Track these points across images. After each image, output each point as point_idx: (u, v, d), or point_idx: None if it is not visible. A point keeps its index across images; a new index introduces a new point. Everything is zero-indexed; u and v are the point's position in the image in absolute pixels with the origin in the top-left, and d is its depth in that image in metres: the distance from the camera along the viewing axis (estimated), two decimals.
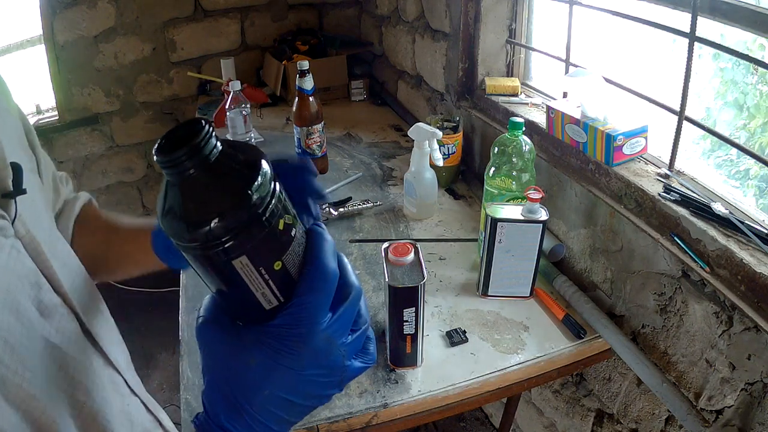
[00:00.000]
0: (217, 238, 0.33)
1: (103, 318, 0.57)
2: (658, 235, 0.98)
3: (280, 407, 0.38)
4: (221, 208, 0.32)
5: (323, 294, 0.37)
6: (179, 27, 2.40)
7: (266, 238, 0.34)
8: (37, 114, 2.46)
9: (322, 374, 0.38)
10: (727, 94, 1.06)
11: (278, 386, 0.37)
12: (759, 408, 0.83)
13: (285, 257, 0.36)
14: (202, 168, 0.32)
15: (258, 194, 0.33)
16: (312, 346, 0.37)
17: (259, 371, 0.37)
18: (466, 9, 1.53)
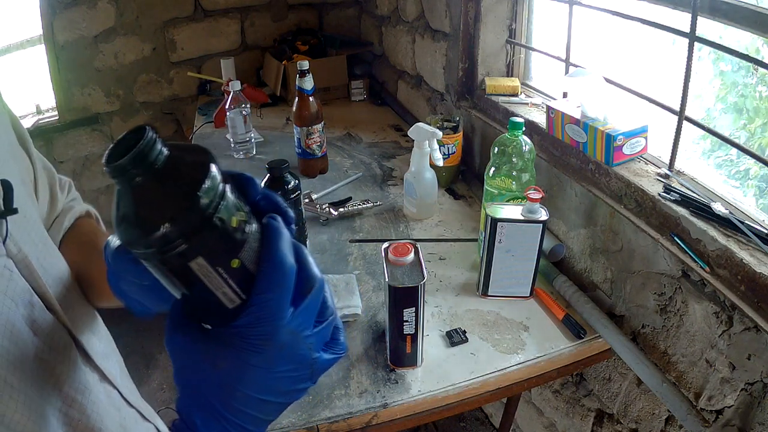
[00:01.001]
0: (171, 242, 0.33)
1: (97, 331, 0.56)
2: (658, 235, 0.98)
3: (253, 407, 0.38)
4: (171, 213, 0.33)
5: (282, 289, 0.37)
6: (179, 27, 2.40)
7: (220, 238, 0.35)
8: (37, 114, 2.46)
9: (291, 369, 0.38)
10: (728, 96, 1.06)
11: (249, 386, 0.37)
12: (759, 408, 0.83)
13: (242, 254, 0.36)
14: (150, 174, 0.33)
15: (207, 196, 0.34)
16: (277, 342, 0.37)
17: (228, 373, 0.37)
18: (466, 9, 1.53)
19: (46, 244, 0.51)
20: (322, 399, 0.94)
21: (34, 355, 0.43)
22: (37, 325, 0.45)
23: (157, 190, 0.33)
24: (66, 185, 0.63)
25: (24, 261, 0.45)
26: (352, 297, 1.13)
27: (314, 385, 0.41)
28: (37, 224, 0.51)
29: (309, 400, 0.94)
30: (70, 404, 0.46)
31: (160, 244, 0.33)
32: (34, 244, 0.48)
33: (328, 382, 0.97)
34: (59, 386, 0.45)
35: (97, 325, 0.57)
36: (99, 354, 0.53)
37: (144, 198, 0.33)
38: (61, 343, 0.48)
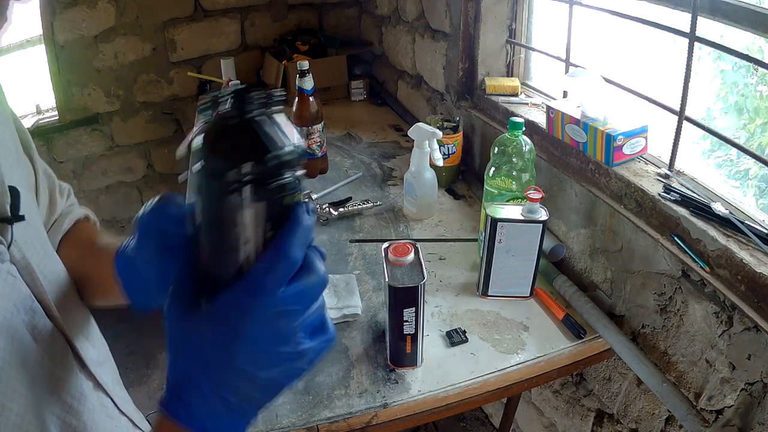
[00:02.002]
0: (260, 175, 0.36)
1: (92, 338, 0.57)
2: (658, 235, 0.98)
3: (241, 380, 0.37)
4: (285, 145, 0.36)
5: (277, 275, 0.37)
6: (179, 27, 2.40)
7: (282, 200, 0.37)
8: (37, 114, 2.46)
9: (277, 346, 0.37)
10: (728, 96, 1.06)
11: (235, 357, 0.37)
12: (759, 408, 0.83)
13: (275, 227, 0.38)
14: (269, 115, 0.37)
15: (295, 159, 0.37)
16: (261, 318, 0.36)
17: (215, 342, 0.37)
18: (466, 9, 1.53)
19: (46, 250, 0.52)
20: (322, 399, 0.94)
21: (35, 361, 0.44)
22: (38, 331, 0.45)
23: (272, 130, 0.36)
24: (66, 190, 0.64)
25: (27, 267, 0.45)
26: (352, 297, 1.13)
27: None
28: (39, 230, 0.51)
29: (309, 400, 0.94)
30: (68, 411, 0.46)
31: (253, 173, 0.35)
32: (36, 251, 0.48)
33: (328, 382, 0.97)
34: (57, 392, 0.46)
35: (93, 332, 0.58)
36: (93, 361, 0.54)
37: (263, 131, 0.36)
38: (59, 349, 0.48)
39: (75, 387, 0.48)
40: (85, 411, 0.49)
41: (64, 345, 0.49)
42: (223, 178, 0.35)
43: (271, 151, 0.36)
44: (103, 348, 0.60)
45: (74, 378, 0.49)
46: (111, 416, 0.55)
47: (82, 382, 0.50)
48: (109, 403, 0.55)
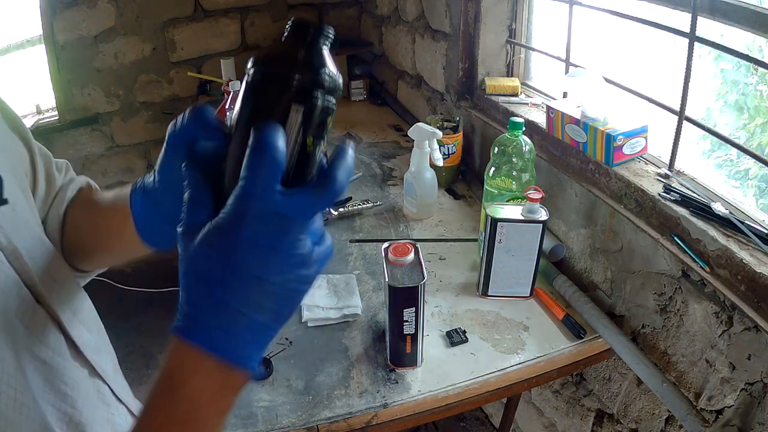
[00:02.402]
0: (306, 77, 0.38)
1: (89, 325, 0.56)
2: (658, 235, 0.98)
3: (253, 287, 0.36)
4: (323, 66, 0.39)
5: (323, 203, 0.37)
6: (179, 27, 2.40)
7: (321, 112, 0.39)
8: (37, 114, 2.46)
9: (290, 247, 0.37)
10: (728, 95, 1.06)
11: (244, 263, 0.36)
12: (759, 408, 0.83)
13: (317, 139, 0.39)
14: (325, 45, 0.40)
15: (339, 89, 0.40)
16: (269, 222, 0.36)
17: (221, 250, 0.36)
18: (466, 9, 1.53)
19: (35, 236, 0.51)
20: (322, 399, 0.94)
21: (26, 348, 0.43)
22: (28, 317, 0.45)
23: (329, 57, 0.40)
24: (63, 165, 0.62)
25: (14, 253, 0.45)
26: (352, 297, 1.13)
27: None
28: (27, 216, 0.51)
29: (309, 400, 0.94)
30: (62, 398, 0.46)
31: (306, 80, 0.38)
32: (24, 237, 0.48)
33: (328, 382, 0.97)
34: (51, 380, 0.45)
35: (89, 317, 0.57)
36: (90, 348, 0.53)
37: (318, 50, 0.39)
38: (51, 336, 0.47)
39: (68, 374, 0.48)
40: (80, 398, 0.48)
41: (56, 331, 0.48)
42: (281, 79, 0.37)
43: (325, 67, 0.38)
44: (101, 334, 0.59)
45: (68, 365, 0.48)
46: (108, 404, 0.54)
47: (76, 369, 0.50)
48: (106, 390, 0.55)
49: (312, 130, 0.39)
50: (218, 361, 0.36)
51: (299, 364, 1.01)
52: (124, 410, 0.57)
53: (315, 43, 0.39)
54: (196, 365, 0.36)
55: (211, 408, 0.37)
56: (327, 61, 0.39)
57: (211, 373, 0.36)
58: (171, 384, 0.37)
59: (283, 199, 0.36)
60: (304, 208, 0.37)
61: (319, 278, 0.40)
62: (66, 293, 0.53)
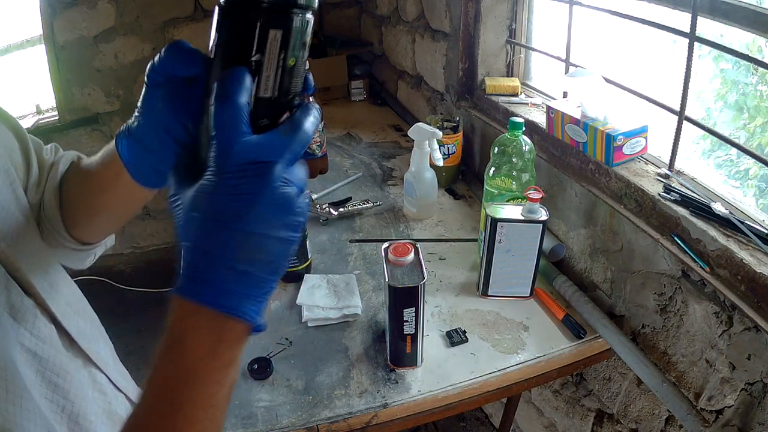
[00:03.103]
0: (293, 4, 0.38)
1: (81, 313, 0.56)
2: (658, 235, 0.98)
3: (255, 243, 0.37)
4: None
5: (297, 145, 0.38)
6: (179, 27, 2.40)
7: (300, 33, 0.39)
8: (37, 114, 2.46)
9: (285, 201, 0.37)
10: (728, 95, 1.06)
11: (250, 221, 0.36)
12: (759, 408, 0.83)
13: (299, 60, 0.40)
14: None
15: (314, 2, 0.39)
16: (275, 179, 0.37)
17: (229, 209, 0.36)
18: (466, 9, 1.53)
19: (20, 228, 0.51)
20: (322, 399, 0.94)
21: (15, 340, 0.43)
22: (16, 309, 0.45)
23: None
24: (52, 148, 0.63)
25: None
26: (352, 297, 1.13)
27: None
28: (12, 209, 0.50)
29: (309, 400, 0.94)
30: (54, 390, 0.46)
31: None
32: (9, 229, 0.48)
33: (328, 382, 0.97)
34: (41, 372, 0.45)
35: (82, 308, 0.57)
36: (85, 337, 0.53)
37: None
38: (42, 327, 0.47)
39: (60, 365, 0.48)
40: (73, 389, 0.48)
41: (47, 322, 0.49)
42: (252, 4, 0.37)
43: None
44: (95, 323, 0.60)
45: (60, 356, 0.48)
46: (104, 393, 0.54)
47: (70, 359, 0.50)
48: (103, 379, 0.55)
49: (293, 51, 0.39)
50: (213, 314, 0.36)
51: (299, 364, 1.01)
52: (123, 399, 0.57)
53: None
54: (192, 319, 0.37)
55: (212, 362, 0.37)
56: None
57: (207, 326, 0.37)
58: (171, 340, 0.37)
59: (254, 146, 0.36)
60: (276, 151, 0.37)
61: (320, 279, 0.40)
62: (56, 284, 0.53)
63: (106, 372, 0.55)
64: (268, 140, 0.37)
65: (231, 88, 0.37)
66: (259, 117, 0.39)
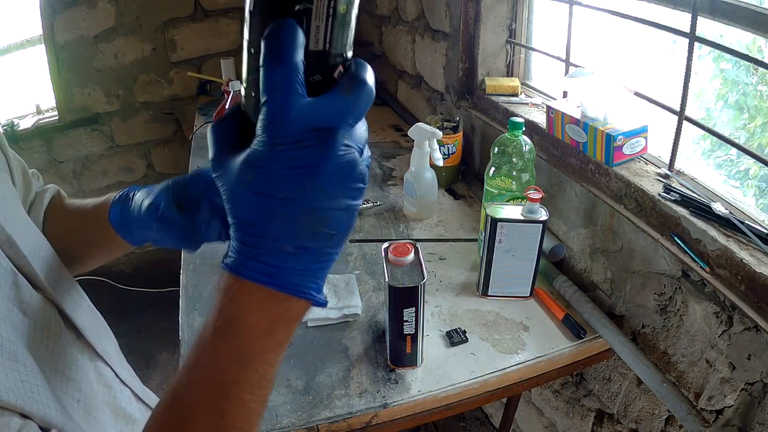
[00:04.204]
0: None
1: (87, 309, 0.57)
2: (658, 235, 0.98)
3: (316, 216, 0.33)
4: None
5: (360, 105, 0.34)
6: (179, 27, 2.40)
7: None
8: (37, 114, 2.46)
9: (348, 168, 0.34)
10: (728, 95, 1.06)
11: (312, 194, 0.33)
12: (759, 408, 0.83)
13: (351, 5, 0.34)
14: None
15: None
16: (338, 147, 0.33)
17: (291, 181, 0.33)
18: (466, 9, 1.53)
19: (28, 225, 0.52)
20: (322, 399, 0.94)
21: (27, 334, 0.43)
22: (25, 304, 0.45)
23: None
24: (36, 174, 0.65)
25: (8, 241, 0.46)
26: (352, 297, 1.13)
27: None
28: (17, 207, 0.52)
29: (309, 400, 0.94)
30: (66, 382, 0.47)
31: None
32: (17, 225, 0.48)
33: (328, 382, 0.97)
34: (53, 365, 0.46)
35: (86, 304, 0.58)
36: (92, 331, 0.54)
37: None
38: (52, 321, 0.48)
39: (70, 358, 0.48)
40: (84, 381, 0.49)
41: (55, 315, 0.49)
42: None
43: None
44: (99, 319, 0.60)
45: (69, 349, 0.49)
46: (109, 386, 0.54)
47: (78, 352, 0.50)
48: (109, 372, 0.55)
49: None
50: (272, 293, 0.34)
51: (299, 364, 1.01)
52: (128, 392, 0.58)
53: None
54: (248, 299, 0.34)
55: (267, 342, 0.35)
56: None
57: (265, 306, 0.34)
58: (223, 320, 0.34)
59: (314, 111, 0.32)
60: (340, 114, 0.33)
61: None
62: (63, 279, 0.54)
63: (111, 365, 0.56)
64: (330, 103, 0.33)
65: (282, 45, 0.32)
66: (311, 74, 0.34)
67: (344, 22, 0.34)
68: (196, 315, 1.12)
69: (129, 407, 0.56)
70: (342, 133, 0.33)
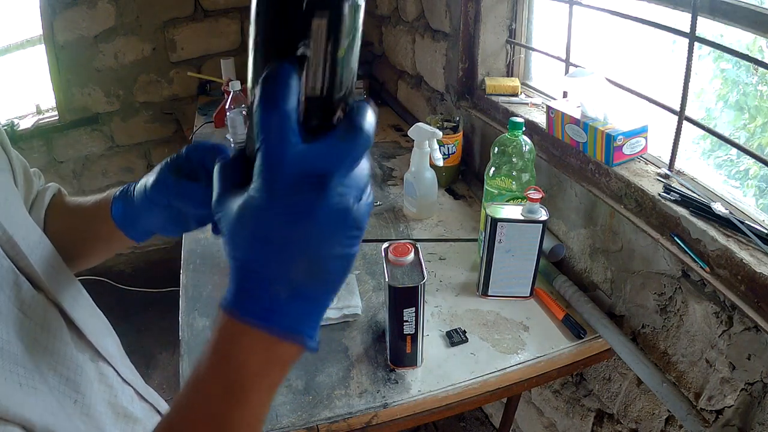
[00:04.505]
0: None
1: (88, 308, 0.57)
2: (658, 235, 0.98)
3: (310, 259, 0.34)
4: None
5: (356, 152, 0.34)
6: (179, 27, 2.40)
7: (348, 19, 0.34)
8: (37, 114, 2.46)
9: (341, 214, 0.34)
10: (729, 95, 1.06)
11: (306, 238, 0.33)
12: (759, 408, 0.83)
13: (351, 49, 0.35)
14: None
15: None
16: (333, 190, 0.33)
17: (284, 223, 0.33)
18: (466, 9, 1.53)
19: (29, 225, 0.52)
20: (322, 399, 0.94)
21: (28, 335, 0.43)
22: (26, 305, 0.45)
23: None
24: (37, 173, 0.65)
25: (9, 242, 0.45)
26: (352, 297, 1.13)
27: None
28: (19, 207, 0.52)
29: (309, 400, 0.94)
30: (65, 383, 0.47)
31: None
32: (18, 225, 0.48)
33: (328, 382, 0.97)
34: (54, 365, 0.46)
35: (87, 304, 0.58)
36: (93, 331, 0.54)
37: None
38: (53, 321, 0.48)
39: (71, 359, 0.48)
40: (83, 382, 0.49)
41: (56, 315, 0.49)
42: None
43: None
44: (101, 318, 0.60)
45: (70, 350, 0.49)
46: (110, 386, 0.54)
47: (79, 353, 0.50)
48: (110, 372, 0.55)
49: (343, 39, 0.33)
50: (265, 334, 0.34)
51: (299, 364, 1.01)
52: (130, 391, 0.58)
53: None
54: (242, 339, 0.35)
55: (260, 383, 0.35)
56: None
57: (258, 347, 0.35)
58: (218, 357, 0.35)
59: (308, 157, 0.32)
60: (334, 160, 0.33)
61: None
62: (64, 279, 0.54)
63: (113, 364, 0.56)
64: (323, 149, 0.33)
65: (275, 90, 0.32)
66: (308, 119, 0.35)
67: (344, 66, 0.35)
68: (196, 315, 1.12)
69: (131, 406, 0.56)
70: (336, 179, 0.33)
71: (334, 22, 0.33)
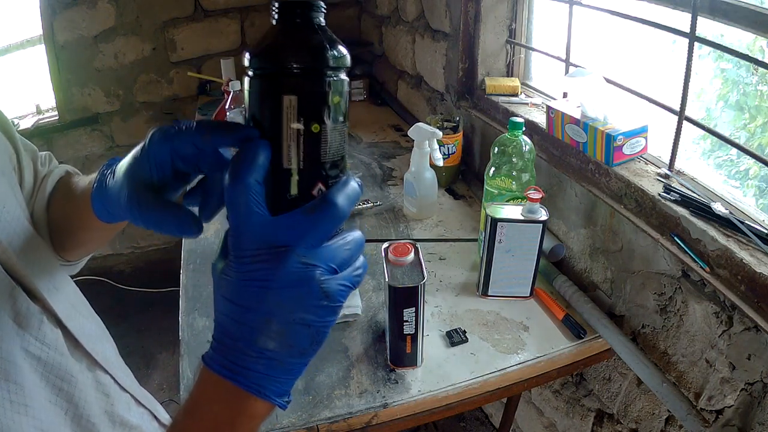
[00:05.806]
0: (285, 64, 0.35)
1: (86, 316, 0.56)
2: (658, 235, 0.98)
3: (272, 328, 0.36)
4: (302, 47, 0.36)
5: (320, 226, 0.36)
6: (179, 27, 2.40)
7: (320, 96, 0.36)
8: (37, 114, 2.46)
9: (301, 285, 0.36)
10: (729, 95, 1.06)
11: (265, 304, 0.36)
12: (759, 408, 0.83)
13: (329, 125, 0.37)
14: (311, 18, 0.37)
15: (336, 61, 0.36)
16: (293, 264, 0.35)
17: (245, 293, 0.36)
18: (466, 9, 1.53)
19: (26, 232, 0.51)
20: (322, 399, 0.94)
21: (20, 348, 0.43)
22: (21, 316, 0.44)
23: (314, 32, 0.37)
24: (47, 157, 0.62)
25: (5, 253, 0.45)
26: (352, 297, 1.13)
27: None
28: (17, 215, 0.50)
29: (309, 400, 0.94)
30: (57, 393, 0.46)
31: (276, 62, 0.35)
32: (15, 234, 0.47)
33: (328, 382, 0.97)
34: (46, 376, 0.45)
35: (85, 308, 0.57)
36: (89, 337, 0.53)
37: (306, 31, 0.37)
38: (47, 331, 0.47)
39: (65, 369, 0.48)
40: (77, 392, 0.48)
41: (54, 326, 0.48)
42: (268, 75, 0.35)
43: (324, 48, 0.36)
44: (98, 323, 0.60)
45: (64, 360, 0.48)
46: (107, 394, 0.54)
47: (74, 362, 0.50)
48: (107, 380, 0.55)
49: (316, 116, 0.36)
50: (233, 388, 0.37)
51: None
52: (127, 398, 0.57)
53: (307, 20, 0.36)
54: (212, 390, 0.38)
55: (232, 431, 0.38)
56: (316, 36, 0.36)
57: (226, 399, 0.37)
58: (192, 404, 0.39)
59: (268, 228, 0.35)
60: (293, 233, 0.35)
61: None
62: (62, 287, 0.53)
63: (110, 372, 0.55)
64: (285, 222, 0.35)
65: (240, 166, 0.35)
66: (284, 191, 0.37)
67: (319, 141, 0.37)
68: (196, 315, 1.12)
69: (127, 414, 0.56)
70: (299, 250, 0.35)
71: (307, 100, 0.36)
